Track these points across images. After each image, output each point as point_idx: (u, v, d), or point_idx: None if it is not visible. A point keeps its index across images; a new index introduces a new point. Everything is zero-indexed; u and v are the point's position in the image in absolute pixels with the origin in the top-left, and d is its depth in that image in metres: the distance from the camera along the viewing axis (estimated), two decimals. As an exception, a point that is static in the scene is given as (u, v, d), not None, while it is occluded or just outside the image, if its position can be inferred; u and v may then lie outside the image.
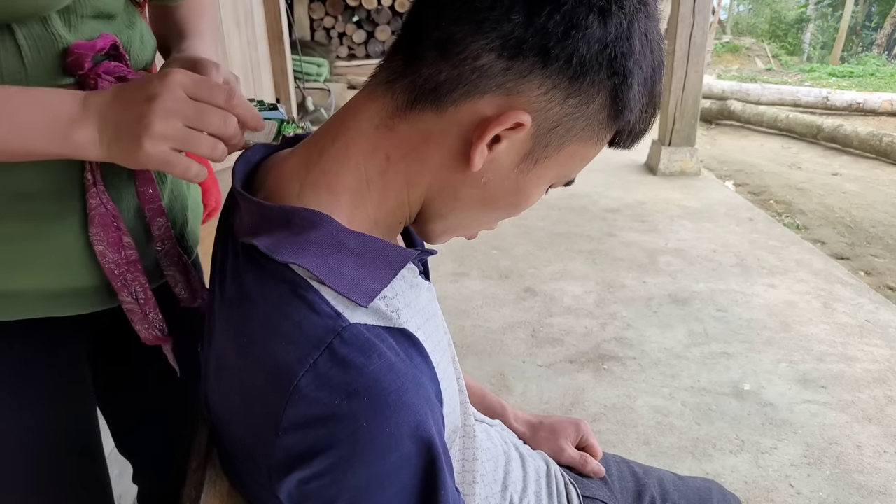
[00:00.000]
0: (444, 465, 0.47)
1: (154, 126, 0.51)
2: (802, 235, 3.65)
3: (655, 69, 0.50)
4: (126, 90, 0.54)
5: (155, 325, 0.72)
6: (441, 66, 0.47)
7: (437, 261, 2.89)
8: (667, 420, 1.87)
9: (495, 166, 0.50)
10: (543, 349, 2.24)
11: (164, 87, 0.52)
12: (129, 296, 0.70)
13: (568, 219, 3.51)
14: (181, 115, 0.52)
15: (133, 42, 0.70)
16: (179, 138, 0.53)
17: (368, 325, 0.46)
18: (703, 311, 2.49)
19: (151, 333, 0.72)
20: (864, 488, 1.61)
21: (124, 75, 0.65)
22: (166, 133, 0.52)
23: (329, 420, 0.43)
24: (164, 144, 0.52)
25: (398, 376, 0.44)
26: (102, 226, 0.66)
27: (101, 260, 0.67)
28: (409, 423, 0.44)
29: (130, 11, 0.71)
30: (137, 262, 0.69)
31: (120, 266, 0.68)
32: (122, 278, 0.68)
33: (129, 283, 0.69)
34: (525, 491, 0.73)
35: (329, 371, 0.43)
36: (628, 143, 0.54)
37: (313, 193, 0.51)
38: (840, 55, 13.87)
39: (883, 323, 2.41)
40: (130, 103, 0.53)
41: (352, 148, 0.51)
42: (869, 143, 5.60)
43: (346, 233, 0.49)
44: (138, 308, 0.70)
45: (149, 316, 0.71)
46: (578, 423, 0.89)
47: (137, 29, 0.72)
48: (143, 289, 0.70)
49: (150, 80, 0.54)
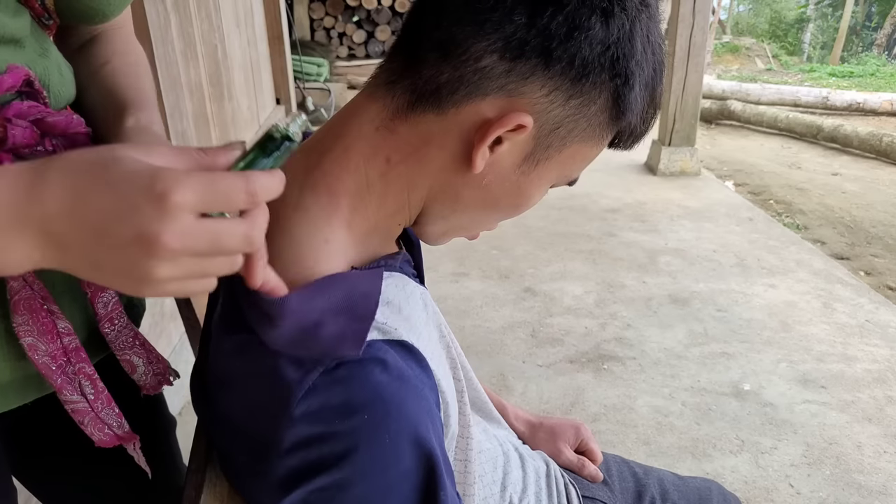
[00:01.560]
0: (445, 473, 0.47)
1: (156, 273, 0.36)
2: (802, 235, 3.64)
3: (657, 70, 0.50)
4: (88, 210, 0.34)
5: (112, 425, 0.59)
6: (442, 68, 0.47)
7: (437, 261, 2.89)
8: (667, 420, 1.87)
9: (496, 168, 0.50)
10: (543, 349, 2.24)
11: (164, 221, 0.34)
12: (75, 392, 0.56)
13: (568, 219, 3.51)
14: (192, 252, 0.36)
15: (51, 75, 0.56)
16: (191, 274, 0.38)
17: (367, 340, 0.46)
18: (703, 311, 2.49)
19: (108, 435, 0.59)
20: (864, 488, 1.61)
21: (43, 117, 0.53)
22: (174, 275, 0.37)
23: (330, 439, 0.43)
24: (171, 284, 0.38)
25: (398, 392, 0.44)
26: (29, 312, 0.52)
27: (31, 355, 0.54)
28: (409, 438, 0.44)
29: (40, 37, 0.57)
30: (79, 349, 0.56)
31: (57, 358, 0.55)
32: (61, 373, 0.55)
33: (72, 376, 0.56)
34: (525, 491, 0.73)
35: (328, 391, 0.43)
36: (629, 143, 0.54)
37: (313, 196, 0.51)
38: (840, 55, 13.86)
39: (883, 323, 2.41)
40: (106, 240, 0.35)
41: (352, 150, 0.51)
42: (869, 143, 5.60)
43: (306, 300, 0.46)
44: (87, 407, 0.57)
45: (101, 414, 0.58)
46: (579, 427, 0.89)
47: (53, 59, 0.58)
48: (91, 381, 0.57)
49: (137, 204, 0.34)
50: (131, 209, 0.33)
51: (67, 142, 0.56)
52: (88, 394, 0.57)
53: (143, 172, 0.34)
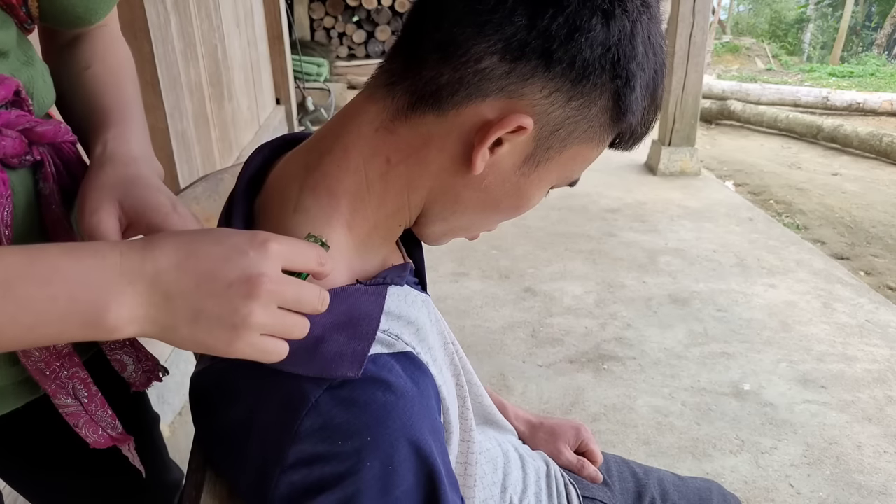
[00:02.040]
0: (448, 488, 0.47)
1: (255, 317, 0.39)
2: (802, 235, 3.64)
3: (657, 71, 0.50)
4: (201, 257, 0.39)
5: (106, 426, 0.60)
6: (442, 69, 0.46)
7: (437, 261, 2.89)
8: (667, 420, 1.87)
9: (497, 169, 0.50)
10: (543, 349, 2.24)
11: (267, 264, 0.39)
12: (68, 396, 0.57)
13: (568, 219, 3.51)
14: (282, 299, 0.40)
15: (35, 82, 0.57)
16: (277, 326, 0.41)
17: (371, 354, 0.45)
18: (703, 311, 2.49)
19: (102, 436, 0.60)
20: (864, 488, 1.61)
21: (32, 127, 0.52)
22: (266, 323, 0.40)
23: (333, 459, 0.43)
24: (258, 335, 0.40)
25: (402, 413, 0.44)
26: None
27: (24, 361, 0.54)
28: (413, 459, 0.44)
29: (24, 44, 0.57)
30: (72, 354, 0.57)
31: (50, 364, 0.55)
32: (54, 378, 0.56)
33: (66, 381, 0.57)
34: (525, 492, 0.73)
35: (332, 410, 0.43)
36: (629, 144, 0.54)
37: (313, 196, 0.51)
38: (840, 55, 13.86)
39: (883, 323, 2.41)
40: (214, 281, 0.38)
41: (352, 151, 0.51)
42: (869, 143, 5.60)
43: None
44: (82, 410, 0.58)
45: (95, 416, 0.59)
46: (579, 428, 0.89)
47: (37, 66, 0.59)
48: (84, 385, 0.58)
49: (243, 250, 0.39)
50: (239, 254, 0.40)
51: (54, 150, 0.57)
52: (82, 397, 0.58)
53: (245, 230, 0.43)
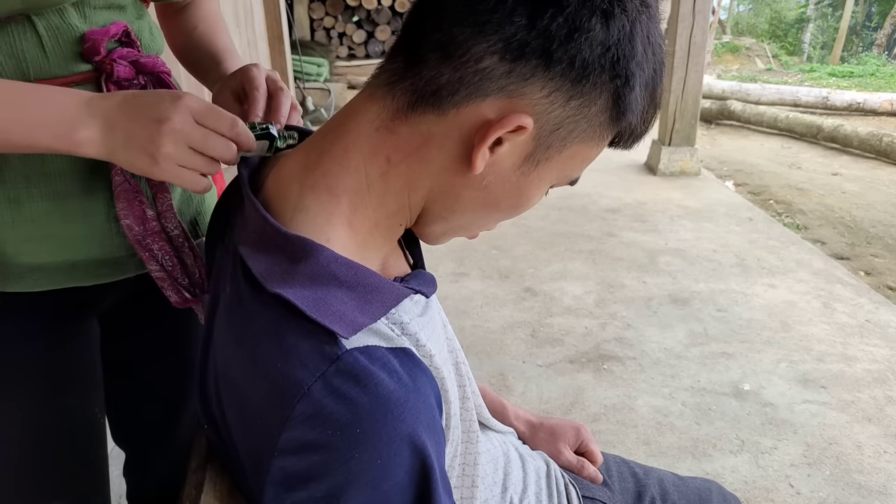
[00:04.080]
0: (441, 488, 0.47)
1: (165, 148, 0.56)
2: (802, 235, 3.65)
3: (657, 71, 0.50)
4: (135, 102, 0.57)
5: (185, 288, 0.76)
6: (442, 69, 0.47)
7: (437, 261, 2.89)
8: (667, 420, 1.87)
9: (496, 169, 0.50)
10: (543, 349, 2.24)
11: (175, 110, 0.56)
12: (156, 264, 0.73)
13: (568, 219, 3.51)
14: (189, 140, 0.56)
15: (143, 32, 0.76)
16: (184, 159, 0.57)
17: (370, 345, 0.45)
18: (703, 311, 2.50)
19: (182, 297, 0.75)
20: (864, 488, 1.61)
21: (137, 59, 0.71)
22: (174, 155, 0.56)
23: (323, 448, 0.43)
24: (172, 163, 0.57)
25: (395, 406, 0.44)
26: (127, 201, 0.70)
27: (128, 233, 0.71)
28: (404, 453, 0.44)
29: (138, 5, 0.78)
30: (161, 232, 0.73)
31: (146, 237, 0.72)
32: (148, 249, 0.72)
33: (156, 252, 0.73)
34: (525, 492, 0.73)
35: (323, 400, 0.43)
36: (629, 143, 0.54)
37: (313, 195, 0.51)
38: (840, 55, 13.86)
39: (883, 323, 2.41)
40: (140, 118, 0.56)
41: (352, 150, 0.51)
42: (869, 143, 5.60)
43: (338, 263, 0.48)
44: (166, 275, 0.74)
45: (178, 280, 0.75)
46: (579, 428, 0.89)
47: (146, 21, 0.79)
48: (168, 256, 0.74)
49: (162, 98, 0.57)
50: (158, 101, 0.56)
51: (155, 78, 0.74)
52: (167, 265, 0.74)
53: (177, 90, 0.59)
